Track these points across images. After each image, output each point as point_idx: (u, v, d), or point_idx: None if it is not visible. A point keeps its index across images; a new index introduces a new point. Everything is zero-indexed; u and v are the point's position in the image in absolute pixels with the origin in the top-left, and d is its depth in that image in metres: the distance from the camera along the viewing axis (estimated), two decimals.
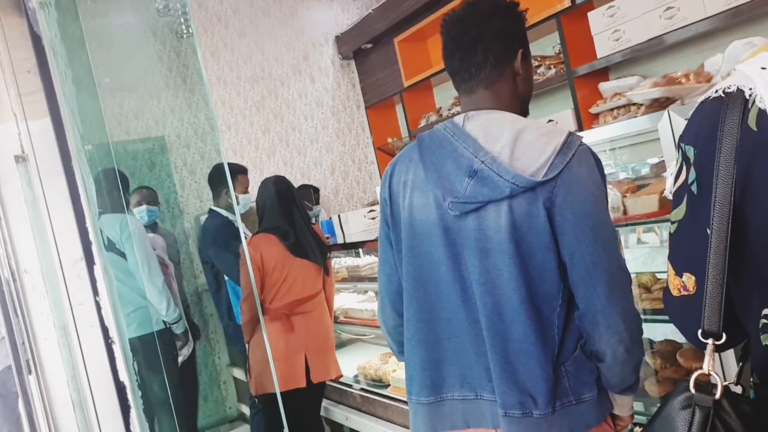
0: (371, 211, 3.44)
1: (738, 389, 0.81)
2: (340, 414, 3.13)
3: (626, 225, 1.78)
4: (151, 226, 3.30)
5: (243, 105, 4.57)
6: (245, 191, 3.32)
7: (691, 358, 1.78)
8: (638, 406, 1.92)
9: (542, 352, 1.21)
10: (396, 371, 2.89)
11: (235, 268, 2.82)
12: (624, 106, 2.93)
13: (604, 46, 2.99)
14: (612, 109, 3.00)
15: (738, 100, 0.74)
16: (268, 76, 4.68)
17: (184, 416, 3.31)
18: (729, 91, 0.76)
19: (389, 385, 2.88)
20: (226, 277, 3.25)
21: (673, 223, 0.87)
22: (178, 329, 2.82)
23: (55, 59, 0.82)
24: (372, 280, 3.22)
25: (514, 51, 1.34)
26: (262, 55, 4.67)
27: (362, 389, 3.02)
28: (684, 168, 0.83)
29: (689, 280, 0.82)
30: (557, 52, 3.38)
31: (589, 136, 1.75)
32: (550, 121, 3.30)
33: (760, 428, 0.71)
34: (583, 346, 1.25)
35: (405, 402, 2.68)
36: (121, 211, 2.67)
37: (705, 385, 0.75)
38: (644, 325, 2.19)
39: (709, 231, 0.76)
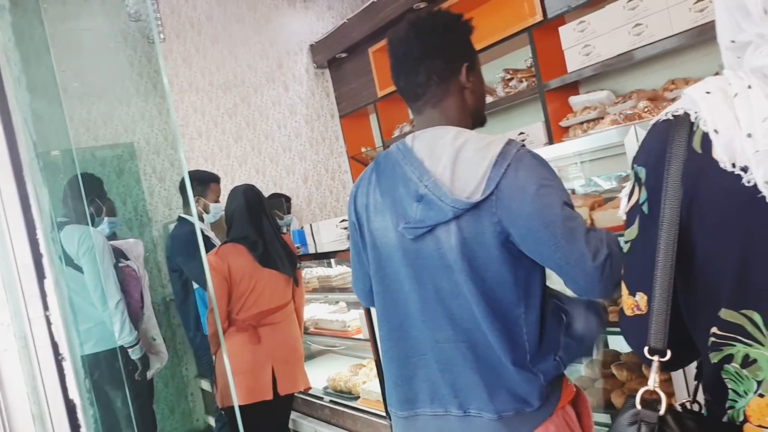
0: (343, 221, 3.42)
1: (695, 407, 0.82)
2: (308, 426, 3.10)
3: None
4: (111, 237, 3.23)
5: (215, 112, 4.52)
6: (217, 200, 3.28)
7: None
8: (605, 418, 1.94)
9: (511, 357, 1.25)
10: (366, 383, 2.87)
11: (206, 275, 2.77)
12: (593, 119, 2.98)
13: (575, 61, 3.03)
14: (582, 123, 3.04)
15: (685, 123, 0.76)
16: (241, 84, 4.65)
17: None
18: (677, 114, 0.78)
19: (359, 397, 2.86)
20: (195, 286, 3.20)
21: (626, 243, 0.88)
22: (134, 354, 2.64)
23: (8, 65, 0.79)
24: (343, 290, 3.20)
25: (458, 66, 1.36)
26: (235, 62, 4.64)
27: (332, 401, 3.00)
28: (636, 188, 0.84)
29: (642, 299, 0.83)
30: (529, 65, 3.42)
31: (557, 150, 1.77)
32: (521, 133, 3.33)
33: None
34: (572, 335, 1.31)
35: (374, 414, 2.68)
36: (97, 217, 2.60)
37: (651, 401, 0.77)
38: (612, 338, 2.22)
39: (657, 252, 0.77)
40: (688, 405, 0.83)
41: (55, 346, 0.73)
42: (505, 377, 1.26)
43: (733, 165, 0.69)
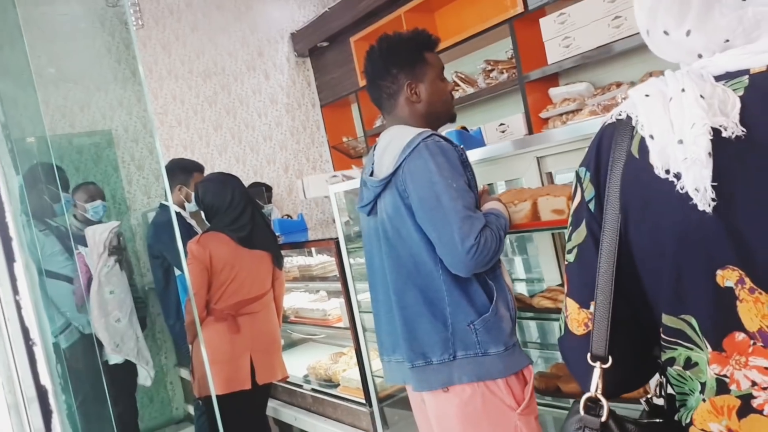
0: (333, 176, 3.50)
1: (660, 401, 0.82)
2: (289, 414, 3.11)
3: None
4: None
5: (195, 100, 4.47)
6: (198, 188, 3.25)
7: None
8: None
9: (431, 313, 1.50)
10: (346, 371, 2.88)
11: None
12: (573, 111, 3.00)
13: (555, 52, 3.05)
14: (561, 114, 3.06)
15: (627, 126, 0.75)
16: (221, 72, 4.60)
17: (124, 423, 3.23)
18: (620, 117, 0.77)
19: (339, 384, 2.87)
20: (177, 273, 3.18)
21: (570, 251, 0.82)
22: (111, 360, 2.67)
23: None
24: (324, 279, 3.20)
25: (401, 84, 1.63)
26: (215, 50, 4.58)
27: (312, 389, 3.01)
28: (578, 189, 0.82)
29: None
30: (510, 56, 3.43)
31: (537, 141, 1.79)
32: (501, 124, 3.35)
33: None
34: (496, 311, 1.51)
35: (354, 402, 2.70)
36: (56, 203, 2.57)
37: (594, 407, 0.77)
38: None
39: (599, 255, 0.76)
40: (654, 400, 0.82)
41: (25, 331, 0.72)
42: (421, 332, 1.52)
43: (667, 171, 0.69)
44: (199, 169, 3.27)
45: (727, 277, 0.67)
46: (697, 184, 0.66)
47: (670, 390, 0.80)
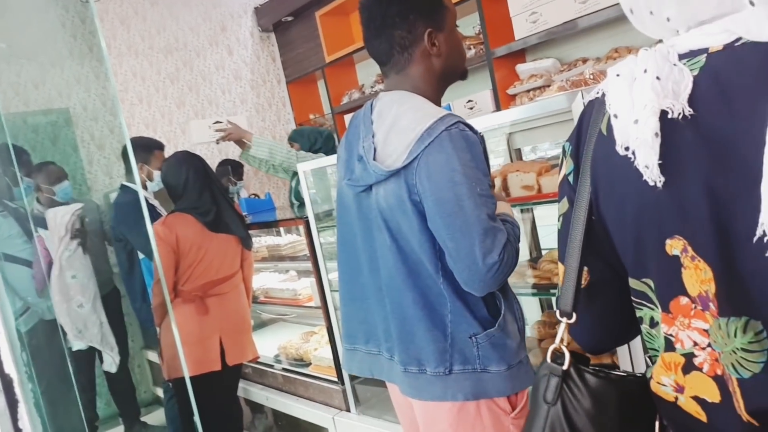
0: (217, 122, 3.52)
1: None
2: (260, 394, 3.10)
3: (541, 203, 1.83)
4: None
5: (156, 77, 4.34)
6: (161, 168, 3.17)
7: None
8: None
9: (429, 319, 1.33)
10: (317, 350, 2.88)
11: (151, 245, 2.70)
12: (540, 87, 3.01)
13: (522, 28, 3.04)
14: (528, 91, 3.07)
15: (602, 104, 0.80)
16: (183, 47, 4.47)
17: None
18: (597, 95, 0.82)
19: (311, 363, 2.87)
20: (140, 256, 3.11)
21: (558, 219, 0.90)
22: (75, 346, 2.61)
23: None
24: (294, 259, 3.18)
25: (420, 33, 1.36)
26: (177, 25, 4.45)
27: (283, 369, 3.00)
28: (563, 163, 0.88)
29: (583, 275, 0.86)
30: (477, 32, 3.42)
31: (503, 117, 1.79)
32: (469, 101, 3.35)
33: (606, 395, 0.81)
34: (504, 327, 1.33)
35: (326, 380, 2.70)
36: (15, 186, 2.48)
37: (560, 356, 0.85)
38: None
39: (573, 221, 0.83)
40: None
41: None
42: (418, 337, 1.35)
43: (626, 149, 0.73)
44: (160, 147, 3.18)
45: (674, 246, 0.72)
46: (646, 162, 0.71)
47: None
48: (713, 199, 0.67)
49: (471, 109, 3.31)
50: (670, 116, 0.69)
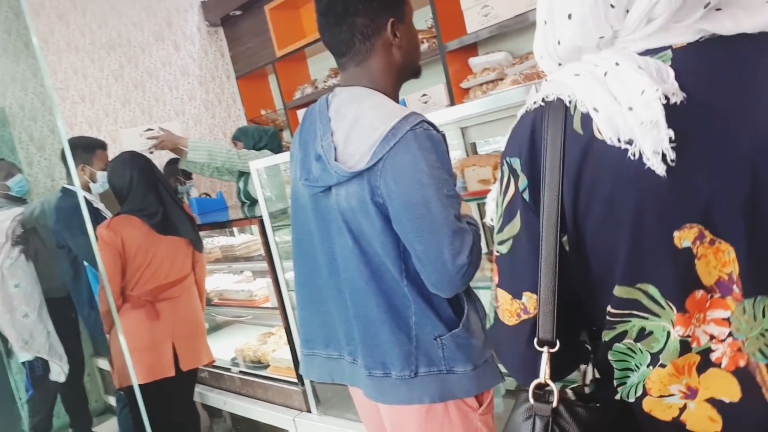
0: (148, 129, 3.45)
1: (586, 390, 0.83)
2: (217, 399, 3.02)
3: None
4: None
5: (99, 74, 4.17)
6: (105, 168, 3.03)
7: None
8: None
9: (394, 322, 1.29)
10: (276, 351, 2.83)
11: (94, 251, 2.58)
12: (492, 81, 3.02)
13: (474, 22, 3.04)
14: (481, 84, 3.08)
15: (559, 107, 0.75)
16: (127, 43, 4.30)
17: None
18: (549, 100, 0.77)
19: (269, 365, 2.82)
20: (85, 263, 2.98)
21: (502, 243, 0.82)
22: (21, 357, 2.50)
23: None
24: (248, 259, 3.11)
25: (383, 22, 1.31)
26: (119, 20, 4.28)
27: (241, 372, 2.93)
28: (512, 180, 0.80)
29: (530, 300, 0.80)
30: (429, 26, 3.40)
31: (458, 111, 1.77)
32: (423, 95, 3.33)
33: (597, 428, 0.74)
34: (468, 326, 1.31)
35: (286, 382, 2.65)
36: None
37: (543, 393, 0.76)
38: None
39: (540, 241, 0.76)
40: (586, 389, 0.83)
41: None
42: (382, 340, 1.31)
43: (619, 140, 0.70)
44: (102, 146, 3.05)
45: (684, 237, 0.69)
46: (656, 147, 0.67)
47: (596, 375, 0.82)
48: (731, 176, 0.66)
49: (425, 103, 3.30)
50: (669, 101, 0.67)
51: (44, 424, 3.24)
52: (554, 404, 0.74)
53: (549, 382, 0.75)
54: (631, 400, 0.76)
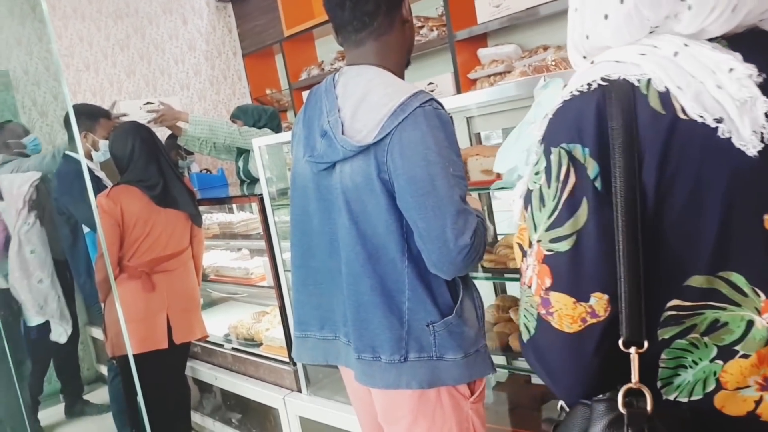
0: (148, 102, 3.39)
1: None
2: (208, 374, 3.04)
3: (500, 188, 1.83)
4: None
5: (105, 43, 4.14)
6: (107, 137, 3.03)
7: None
8: (502, 360, 2.03)
9: (387, 306, 1.29)
10: (269, 330, 2.84)
11: (95, 217, 2.58)
12: (501, 73, 3.01)
13: (485, 12, 3.03)
14: (489, 76, 3.07)
15: (624, 87, 0.70)
16: (134, 13, 4.27)
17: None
18: (611, 78, 0.71)
19: (262, 343, 2.83)
20: (85, 230, 2.98)
21: (559, 240, 0.73)
22: (32, 321, 2.52)
23: None
24: (246, 237, 3.11)
25: (400, 3, 1.33)
26: None
27: (233, 348, 2.95)
28: (572, 169, 0.72)
29: (600, 302, 0.71)
30: (440, 14, 3.38)
31: (464, 100, 1.77)
32: (430, 83, 3.32)
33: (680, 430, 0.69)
34: (461, 314, 1.31)
35: (277, 360, 2.66)
36: None
37: (631, 400, 0.69)
38: (510, 284, 2.29)
39: (616, 232, 0.69)
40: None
41: None
42: (374, 324, 1.32)
43: (707, 119, 0.66)
44: (106, 115, 3.03)
45: None
46: (755, 126, 0.65)
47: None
48: None
49: (432, 91, 3.28)
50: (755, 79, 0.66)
51: (36, 389, 3.27)
52: (649, 408, 0.67)
53: (642, 386, 0.69)
54: (696, 397, 0.72)
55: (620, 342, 0.70)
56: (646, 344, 0.69)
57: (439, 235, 1.20)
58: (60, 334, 2.84)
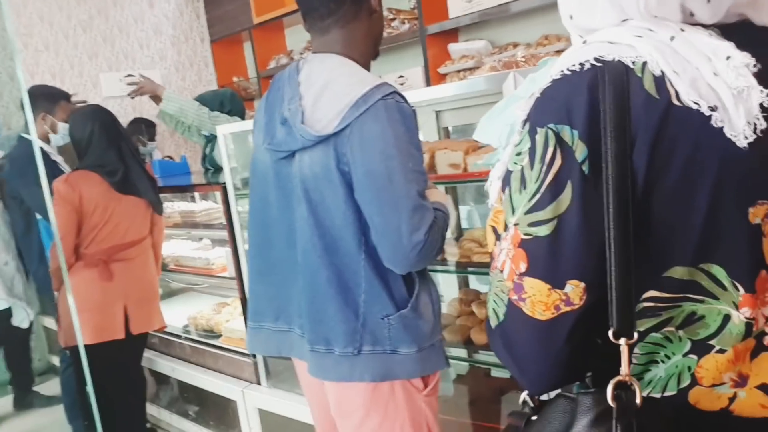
0: (129, 75, 3.28)
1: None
2: (166, 365, 2.97)
3: (466, 182, 1.83)
4: None
5: (66, 23, 4.00)
6: (67, 120, 2.92)
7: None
8: (463, 353, 2.03)
9: (342, 298, 1.28)
10: (229, 321, 2.79)
11: (47, 204, 2.49)
12: (470, 68, 3.01)
13: (457, 7, 3.02)
14: (459, 71, 3.07)
15: (618, 68, 0.66)
16: None
17: None
18: (605, 59, 0.68)
19: (221, 335, 2.78)
20: (38, 216, 2.88)
21: (539, 224, 0.69)
22: None
23: None
24: (208, 226, 3.05)
25: None
26: None
27: (192, 340, 2.89)
28: (558, 151, 0.68)
29: (575, 289, 0.68)
30: (412, 7, 3.37)
31: (433, 93, 1.76)
32: (400, 77, 3.31)
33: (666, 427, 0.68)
34: (416, 308, 1.30)
35: (237, 352, 2.62)
36: None
37: (620, 393, 0.65)
38: (472, 278, 2.30)
39: (606, 218, 0.66)
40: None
41: None
42: (328, 316, 1.31)
43: (701, 106, 0.65)
44: (66, 98, 2.93)
45: (757, 214, 0.65)
46: (749, 116, 0.63)
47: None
48: None
49: (402, 85, 3.27)
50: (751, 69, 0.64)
51: None
52: (638, 401, 0.64)
53: (632, 380, 0.65)
54: (670, 393, 0.70)
55: (610, 333, 0.66)
56: (636, 336, 0.67)
57: (393, 231, 1.20)
58: (23, 319, 2.76)
